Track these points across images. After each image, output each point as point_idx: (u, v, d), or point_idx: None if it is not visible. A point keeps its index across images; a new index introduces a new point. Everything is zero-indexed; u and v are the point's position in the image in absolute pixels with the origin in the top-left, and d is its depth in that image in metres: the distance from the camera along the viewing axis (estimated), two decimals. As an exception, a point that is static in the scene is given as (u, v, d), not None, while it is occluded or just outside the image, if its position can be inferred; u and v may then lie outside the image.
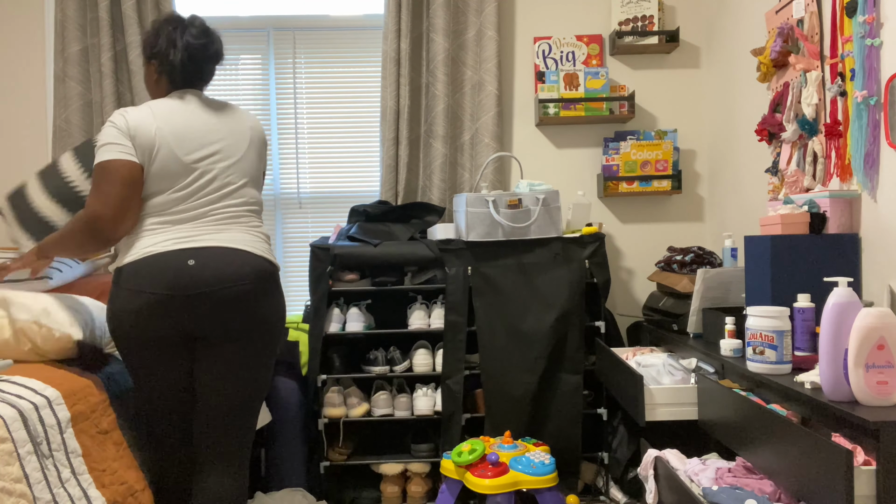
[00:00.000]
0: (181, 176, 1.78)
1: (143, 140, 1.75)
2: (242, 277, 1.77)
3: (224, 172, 1.83)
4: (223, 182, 1.82)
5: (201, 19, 1.91)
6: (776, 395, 1.72)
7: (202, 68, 1.89)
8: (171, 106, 1.82)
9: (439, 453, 2.72)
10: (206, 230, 1.79)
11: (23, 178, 3.18)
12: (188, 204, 1.79)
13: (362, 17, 3.26)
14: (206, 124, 1.84)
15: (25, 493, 1.55)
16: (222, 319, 1.76)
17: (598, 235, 2.74)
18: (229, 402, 1.82)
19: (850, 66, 2.01)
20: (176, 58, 1.84)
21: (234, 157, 1.85)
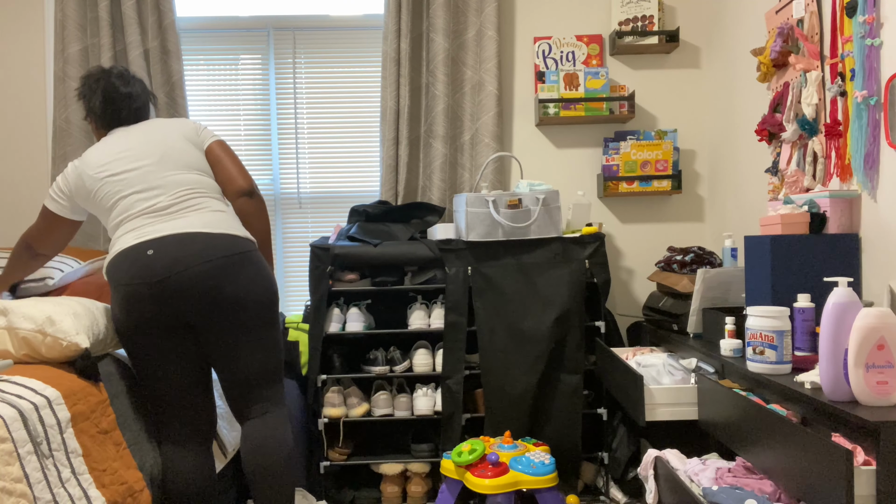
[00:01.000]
0: (109, 188, 2.04)
1: (76, 190, 2.10)
2: (199, 258, 1.91)
3: (147, 172, 2.04)
4: (153, 180, 2.03)
5: (121, 68, 2.22)
6: (776, 395, 1.72)
7: (120, 108, 2.17)
8: (95, 146, 2.13)
9: (439, 453, 2.72)
10: (162, 221, 1.98)
11: (23, 177, 3.18)
12: (139, 205, 2.00)
13: (362, 17, 3.26)
14: (119, 141, 2.11)
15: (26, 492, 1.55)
16: (192, 302, 1.91)
17: (598, 235, 2.74)
18: (237, 377, 2.00)
19: (850, 66, 2.01)
20: (95, 104, 2.17)
21: (153, 156, 2.06)
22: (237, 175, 2.12)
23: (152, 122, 2.18)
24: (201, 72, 3.25)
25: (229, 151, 2.16)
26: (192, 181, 2.06)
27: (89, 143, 3.10)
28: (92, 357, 1.90)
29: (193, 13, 3.24)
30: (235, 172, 2.12)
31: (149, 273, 1.89)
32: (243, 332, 1.97)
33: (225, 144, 2.18)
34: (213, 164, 2.14)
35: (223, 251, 1.94)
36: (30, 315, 1.88)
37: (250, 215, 2.12)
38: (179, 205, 2.01)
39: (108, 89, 2.16)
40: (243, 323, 1.96)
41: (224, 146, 2.17)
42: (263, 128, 3.27)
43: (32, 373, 1.83)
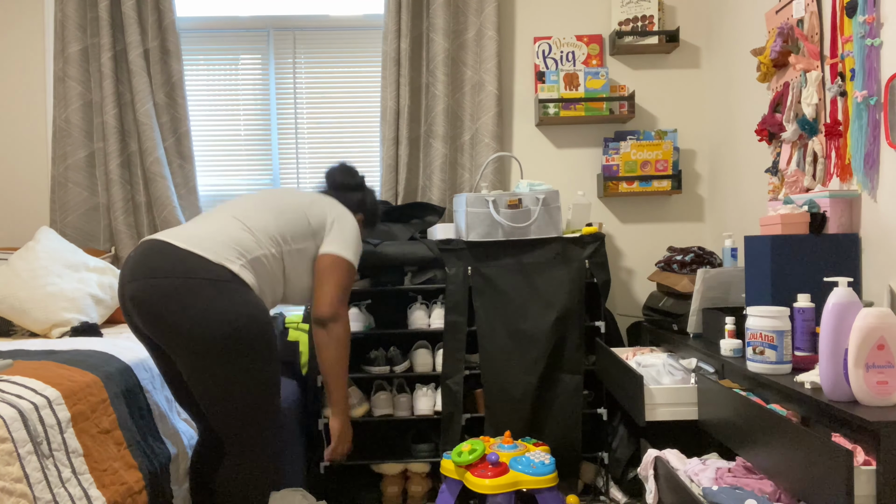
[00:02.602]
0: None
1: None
2: (154, 273, 1.80)
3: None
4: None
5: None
6: (776, 395, 1.72)
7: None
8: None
9: (439, 453, 2.72)
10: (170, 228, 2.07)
11: (23, 177, 3.18)
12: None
13: (362, 17, 3.26)
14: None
15: (26, 492, 1.55)
16: (140, 317, 1.83)
17: (598, 235, 2.74)
18: (199, 397, 1.85)
19: (850, 66, 2.01)
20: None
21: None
22: (320, 298, 2.04)
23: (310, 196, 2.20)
24: (201, 72, 3.25)
25: (336, 270, 2.06)
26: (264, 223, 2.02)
27: (89, 142, 3.11)
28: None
29: (193, 13, 3.24)
30: (320, 294, 2.04)
31: (121, 276, 1.90)
32: (195, 360, 1.80)
33: (340, 262, 2.07)
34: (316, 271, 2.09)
35: (180, 273, 1.79)
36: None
37: (318, 346, 2.06)
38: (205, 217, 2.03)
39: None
40: (193, 352, 1.79)
41: (338, 263, 2.07)
42: (263, 128, 3.27)
43: (32, 373, 1.83)
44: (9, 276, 2.61)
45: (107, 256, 3.06)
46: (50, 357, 2.04)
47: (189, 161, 3.13)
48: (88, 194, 3.11)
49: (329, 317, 2.01)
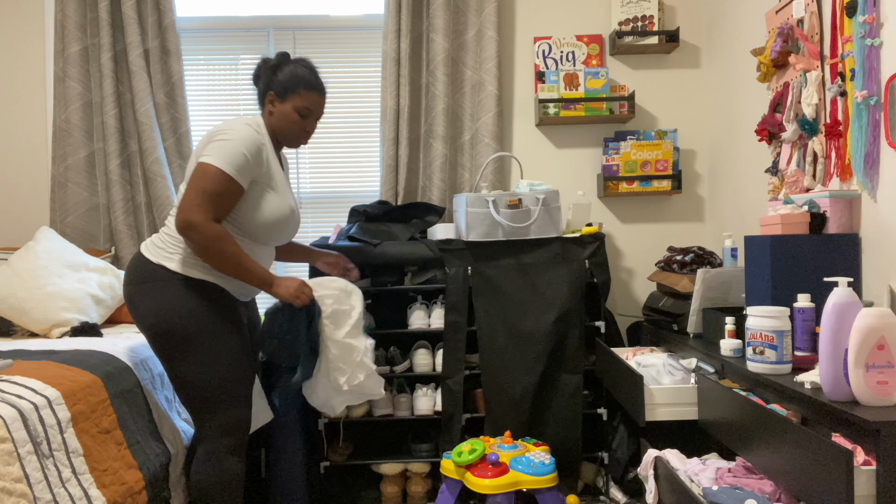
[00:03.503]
0: None
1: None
2: (124, 279, 1.99)
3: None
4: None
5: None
6: (776, 395, 1.72)
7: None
8: None
9: (439, 453, 2.72)
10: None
11: (23, 177, 3.18)
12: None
13: (362, 17, 3.26)
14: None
15: (26, 492, 1.55)
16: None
17: (598, 235, 2.74)
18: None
19: (850, 66, 2.01)
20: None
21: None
22: (179, 205, 1.84)
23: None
24: (201, 72, 3.25)
25: (196, 177, 1.84)
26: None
27: (89, 142, 3.11)
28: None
29: (193, 13, 3.24)
30: (181, 201, 1.84)
31: None
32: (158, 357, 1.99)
33: (201, 168, 1.84)
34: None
35: (128, 276, 1.95)
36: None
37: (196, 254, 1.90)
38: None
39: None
40: (153, 350, 1.97)
41: (199, 170, 1.84)
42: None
43: (33, 373, 1.83)
44: (9, 276, 2.61)
45: (107, 256, 3.06)
46: (50, 357, 2.04)
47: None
48: (88, 194, 3.11)
49: (180, 225, 1.81)
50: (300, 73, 2.03)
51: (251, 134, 1.92)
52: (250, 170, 1.90)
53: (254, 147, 1.90)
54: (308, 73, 2.05)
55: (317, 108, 2.07)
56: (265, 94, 2.04)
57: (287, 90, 2.02)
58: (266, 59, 2.07)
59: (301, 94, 2.02)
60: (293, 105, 2.02)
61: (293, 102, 2.02)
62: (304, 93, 2.03)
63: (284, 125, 2.04)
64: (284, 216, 2.01)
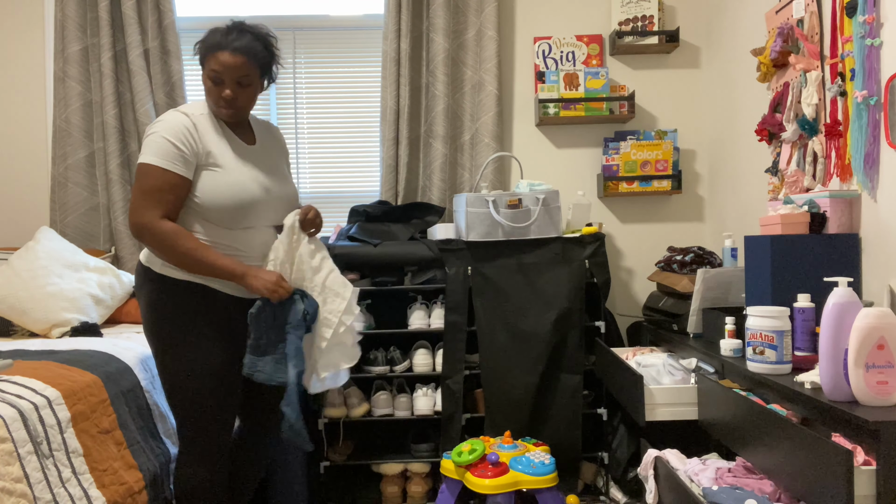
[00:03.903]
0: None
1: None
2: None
3: None
4: None
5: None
6: (776, 395, 1.72)
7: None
8: None
9: (439, 453, 2.72)
10: None
11: (23, 177, 3.18)
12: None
13: (362, 17, 3.26)
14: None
15: (26, 492, 1.55)
16: None
17: (598, 235, 2.74)
18: None
19: (850, 66, 2.01)
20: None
21: None
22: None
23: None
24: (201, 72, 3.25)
25: (135, 180, 1.80)
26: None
27: (89, 142, 3.11)
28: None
29: (193, 13, 3.24)
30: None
31: None
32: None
33: (137, 170, 1.80)
34: None
35: (135, 285, 1.95)
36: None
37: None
38: None
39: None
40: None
41: (136, 172, 1.81)
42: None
43: (32, 373, 1.83)
44: (9, 276, 2.61)
45: (107, 256, 3.06)
46: (50, 357, 2.04)
47: (189, 161, 3.12)
48: (88, 194, 3.11)
49: (132, 231, 1.78)
50: (208, 38, 1.85)
51: (175, 119, 1.82)
52: (183, 156, 1.79)
53: (179, 132, 1.80)
54: (218, 35, 1.84)
55: (228, 70, 1.82)
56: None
57: (201, 60, 1.87)
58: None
59: (208, 59, 1.84)
60: (206, 73, 1.86)
61: (206, 71, 1.86)
62: (211, 55, 1.83)
63: (208, 99, 1.89)
64: (241, 194, 1.84)
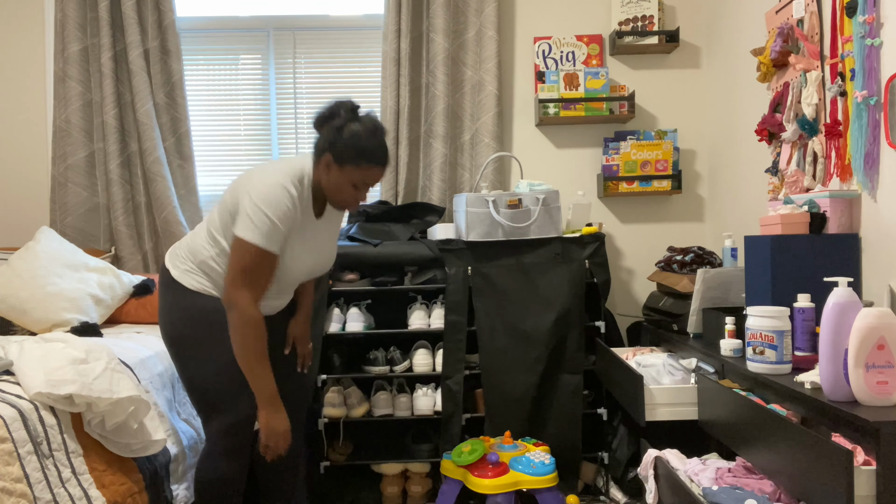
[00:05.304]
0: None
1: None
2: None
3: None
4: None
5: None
6: (776, 395, 1.72)
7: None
8: None
9: (439, 453, 2.72)
10: None
11: (23, 177, 3.18)
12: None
13: (362, 17, 3.26)
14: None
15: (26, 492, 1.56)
16: None
17: (598, 235, 2.74)
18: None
19: (850, 66, 2.01)
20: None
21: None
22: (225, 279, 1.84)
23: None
24: (201, 72, 3.25)
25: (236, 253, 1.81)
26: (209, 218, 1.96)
27: (89, 142, 3.11)
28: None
29: (193, 13, 3.24)
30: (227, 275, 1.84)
31: None
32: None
33: (240, 245, 1.80)
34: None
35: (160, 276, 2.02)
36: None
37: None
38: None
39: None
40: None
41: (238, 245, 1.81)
42: (263, 128, 3.27)
43: (32, 373, 1.82)
44: (9, 276, 2.61)
45: (107, 256, 3.06)
46: (50, 357, 2.03)
47: (189, 161, 3.13)
48: (88, 194, 3.11)
49: (226, 303, 1.82)
50: (364, 144, 1.83)
51: (284, 201, 1.81)
52: (283, 235, 1.84)
53: (285, 215, 1.82)
54: (374, 145, 1.85)
55: (375, 180, 1.89)
56: (323, 152, 1.86)
57: (346, 159, 1.83)
58: (333, 107, 1.88)
59: (361, 168, 1.84)
60: (350, 178, 1.85)
61: (350, 175, 1.85)
62: (365, 166, 1.85)
63: (335, 193, 1.89)
64: (293, 268, 1.93)
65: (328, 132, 1.85)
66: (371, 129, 1.86)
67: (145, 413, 1.93)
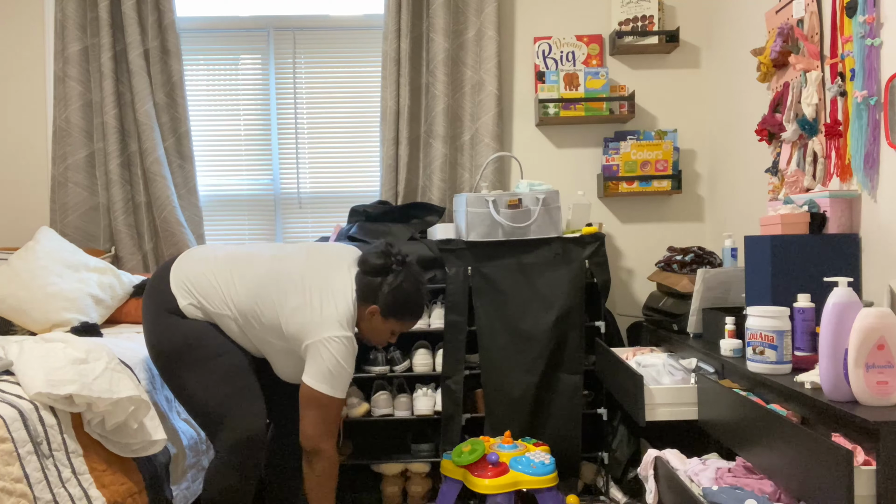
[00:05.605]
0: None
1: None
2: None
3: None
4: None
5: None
6: (776, 395, 1.72)
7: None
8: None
9: (439, 453, 2.72)
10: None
11: (23, 177, 3.18)
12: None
13: (362, 17, 3.26)
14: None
15: (26, 492, 1.56)
16: None
17: (598, 235, 2.74)
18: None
19: (850, 66, 2.01)
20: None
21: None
22: (302, 427, 1.93)
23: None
24: (201, 72, 3.25)
25: (319, 406, 1.91)
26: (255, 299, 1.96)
27: (89, 142, 3.11)
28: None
29: (193, 13, 3.24)
30: (302, 423, 1.93)
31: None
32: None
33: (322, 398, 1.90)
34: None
35: (148, 293, 2.03)
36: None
37: (304, 472, 1.99)
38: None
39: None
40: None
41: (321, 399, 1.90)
42: (263, 128, 3.27)
43: (32, 373, 1.82)
44: (9, 276, 2.61)
45: (107, 256, 3.06)
46: (50, 357, 2.03)
47: (189, 161, 3.13)
48: (88, 194, 3.11)
49: (310, 450, 1.94)
50: (410, 303, 2.01)
51: (352, 349, 1.93)
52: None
53: (352, 364, 1.94)
54: (419, 303, 2.04)
55: (409, 329, 2.10)
56: (370, 301, 1.98)
57: (391, 314, 2.00)
58: (385, 258, 1.99)
59: (404, 321, 2.04)
60: (391, 327, 2.03)
61: (392, 325, 2.03)
62: (408, 321, 2.05)
63: (372, 336, 2.06)
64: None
65: (381, 287, 1.97)
66: (416, 286, 2.02)
67: (145, 413, 1.93)
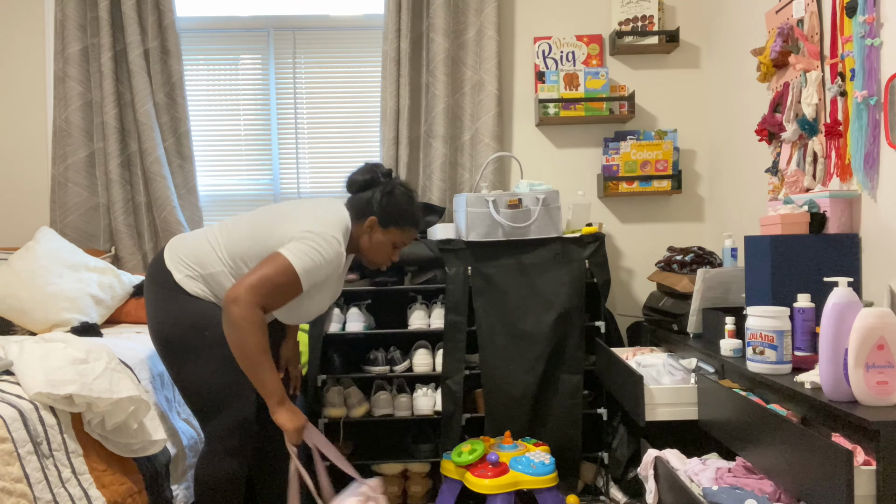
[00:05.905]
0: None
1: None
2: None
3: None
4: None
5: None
6: (776, 395, 1.72)
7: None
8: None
9: (439, 453, 2.72)
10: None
11: (23, 177, 3.18)
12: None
13: (362, 17, 3.26)
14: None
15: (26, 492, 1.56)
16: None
17: (598, 235, 2.74)
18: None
19: (850, 66, 2.01)
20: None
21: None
22: (240, 279, 1.83)
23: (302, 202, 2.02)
24: (201, 72, 3.25)
25: (267, 262, 1.82)
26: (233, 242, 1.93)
27: (89, 142, 3.11)
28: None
29: (193, 13, 3.24)
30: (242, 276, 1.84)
31: None
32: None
33: (276, 258, 1.82)
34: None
35: (148, 277, 1.98)
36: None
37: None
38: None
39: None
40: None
41: (273, 257, 1.83)
42: (263, 128, 3.27)
43: (32, 373, 1.82)
44: (9, 276, 2.61)
45: (107, 256, 3.06)
46: (50, 357, 2.03)
47: (189, 161, 3.13)
48: (88, 194, 3.11)
49: (230, 297, 1.77)
50: (407, 208, 2.02)
51: (337, 255, 1.89)
52: (316, 281, 1.89)
53: (330, 265, 1.88)
54: (415, 208, 2.05)
55: (411, 241, 2.09)
56: (366, 214, 1.98)
57: (390, 222, 2.00)
58: (370, 172, 2.01)
59: (404, 230, 2.03)
60: (392, 238, 2.02)
61: (392, 236, 2.02)
62: (408, 228, 2.04)
63: (374, 253, 2.03)
64: (311, 311, 2.01)
65: (373, 196, 1.99)
66: (409, 194, 2.04)
67: (145, 413, 1.93)
